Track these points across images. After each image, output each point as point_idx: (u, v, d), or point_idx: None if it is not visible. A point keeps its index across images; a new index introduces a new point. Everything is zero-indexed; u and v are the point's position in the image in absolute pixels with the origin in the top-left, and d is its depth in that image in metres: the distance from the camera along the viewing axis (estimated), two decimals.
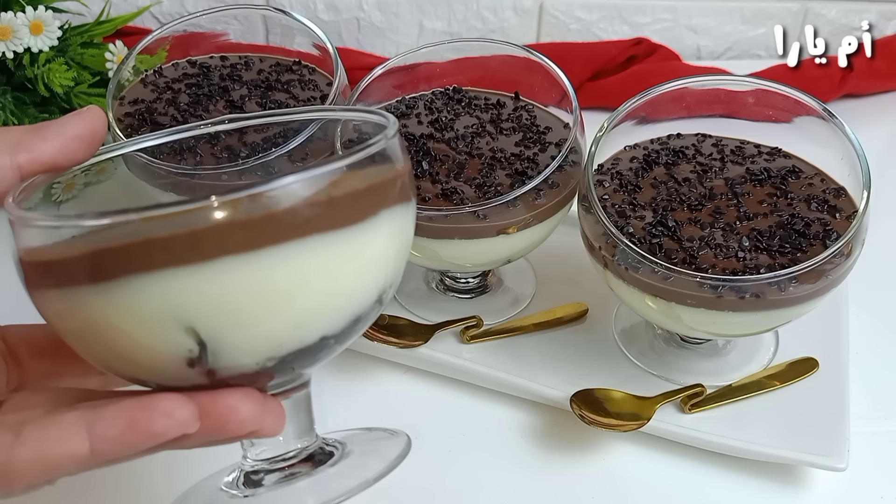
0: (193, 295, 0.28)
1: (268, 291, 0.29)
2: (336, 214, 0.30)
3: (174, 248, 0.27)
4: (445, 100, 0.56)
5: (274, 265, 0.28)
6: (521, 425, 0.50)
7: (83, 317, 0.29)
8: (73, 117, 0.34)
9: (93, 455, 0.28)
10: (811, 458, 0.45)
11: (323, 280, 0.30)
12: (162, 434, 0.28)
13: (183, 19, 0.60)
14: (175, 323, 0.28)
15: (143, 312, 0.28)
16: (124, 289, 0.28)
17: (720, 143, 0.53)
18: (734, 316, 0.44)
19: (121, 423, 0.28)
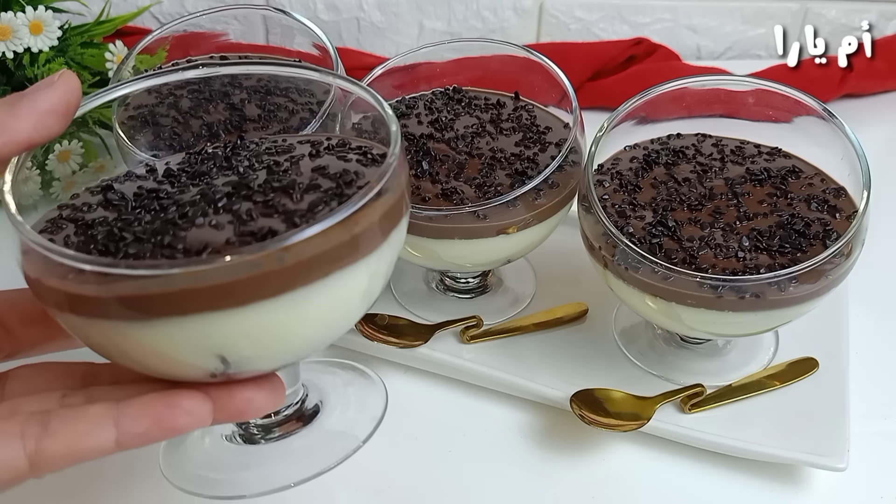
0: (226, 332, 0.30)
1: (295, 323, 0.32)
2: (357, 247, 0.32)
3: (209, 297, 0.29)
4: (445, 100, 0.56)
5: (302, 302, 0.31)
6: (521, 425, 0.50)
7: (111, 341, 0.31)
8: (45, 90, 0.33)
9: (117, 446, 0.30)
10: (811, 458, 0.45)
11: (343, 302, 0.33)
12: (183, 429, 0.31)
13: (183, 19, 0.60)
14: (206, 352, 0.31)
15: (176, 346, 0.30)
16: (157, 327, 0.30)
17: (720, 143, 0.53)
18: (734, 316, 0.44)
19: (146, 420, 0.30)
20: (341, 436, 0.42)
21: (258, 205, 0.33)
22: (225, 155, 0.38)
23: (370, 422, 0.42)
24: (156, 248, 0.30)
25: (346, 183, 0.34)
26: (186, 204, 0.33)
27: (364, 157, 0.37)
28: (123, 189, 0.36)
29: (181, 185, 0.36)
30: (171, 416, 0.30)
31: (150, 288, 0.29)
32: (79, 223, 0.33)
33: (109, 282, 0.29)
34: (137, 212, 0.33)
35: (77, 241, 0.32)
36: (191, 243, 0.30)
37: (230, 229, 0.31)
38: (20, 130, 0.32)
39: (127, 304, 0.29)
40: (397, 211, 0.34)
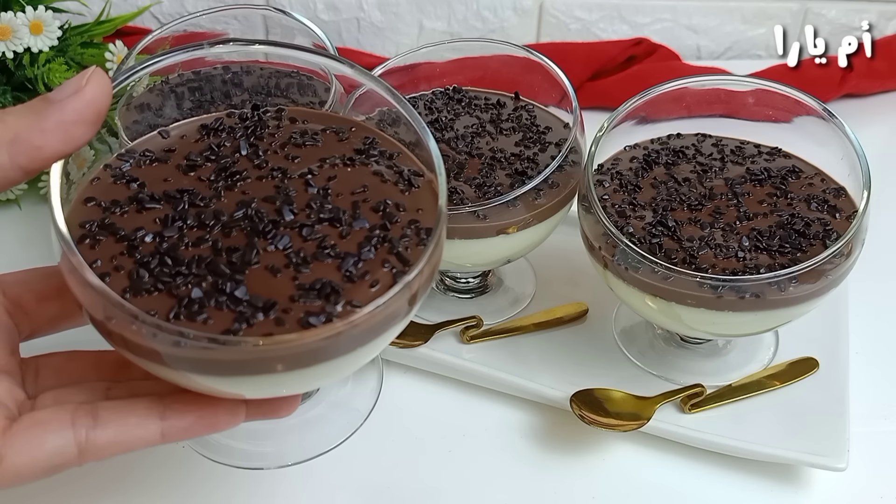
0: (264, 388, 0.32)
1: (330, 374, 0.33)
2: (412, 302, 0.32)
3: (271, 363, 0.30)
4: (445, 100, 0.56)
5: (319, 374, 0.32)
6: (521, 425, 0.50)
7: (158, 373, 0.32)
8: (74, 99, 0.31)
9: (162, 438, 0.32)
10: (811, 458, 0.45)
11: (355, 364, 0.34)
12: (222, 427, 0.33)
13: (183, 19, 0.60)
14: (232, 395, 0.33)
15: (213, 389, 0.32)
16: (193, 377, 0.31)
17: (720, 143, 0.53)
18: (734, 316, 0.44)
19: (190, 416, 0.32)
20: (345, 408, 0.44)
21: (308, 242, 0.32)
22: (249, 141, 0.37)
23: (370, 392, 0.45)
24: (218, 295, 0.30)
25: (391, 221, 0.34)
26: (231, 226, 0.33)
27: (400, 177, 0.36)
28: (149, 181, 0.35)
29: (211, 184, 0.35)
30: (213, 415, 0.33)
31: (216, 355, 0.29)
32: (118, 236, 0.32)
33: (174, 344, 0.29)
34: (178, 225, 0.33)
35: (127, 268, 0.31)
36: (255, 297, 0.30)
37: (287, 276, 0.31)
38: (47, 145, 0.30)
39: (184, 361, 0.30)
40: (438, 252, 0.34)
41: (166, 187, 0.35)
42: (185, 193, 0.34)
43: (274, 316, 0.30)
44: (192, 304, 0.30)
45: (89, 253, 0.32)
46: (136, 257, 0.31)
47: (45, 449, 0.30)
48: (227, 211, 0.33)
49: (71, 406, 0.32)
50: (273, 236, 0.32)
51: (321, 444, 0.42)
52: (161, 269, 0.31)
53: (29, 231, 0.65)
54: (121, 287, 0.31)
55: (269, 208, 0.34)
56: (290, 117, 0.39)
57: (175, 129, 0.38)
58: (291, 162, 0.36)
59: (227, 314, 0.30)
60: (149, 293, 0.30)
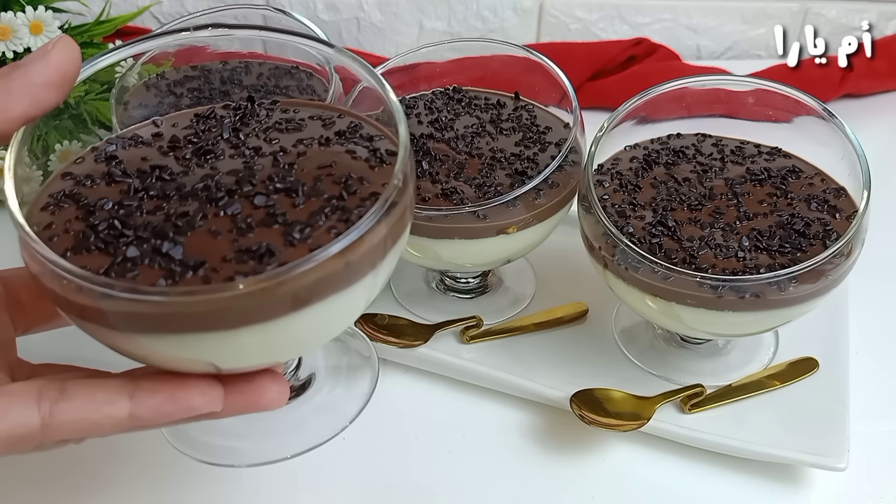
0: (216, 349, 0.31)
1: (286, 340, 0.32)
2: (351, 273, 0.31)
3: (199, 320, 0.29)
4: (445, 100, 0.56)
5: (294, 323, 0.30)
6: (521, 425, 0.50)
7: (106, 340, 0.32)
8: (39, 62, 0.31)
9: (130, 419, 0.30)
10: (811, 458, 0.45)
11: (335, 320, 0.34)
12: (196, 408, 0.31)
13: (183, 19, 0.60)
14: (197, 362, 0.32)
15: (167, 353, 0.31)
16: (147, 339, 0.30)
17: (720, 143, 0.53)
18: (734, 316, 0.44)
19: (161, 394, 0.31)
20: (331, 412, 0.43)
21: (259, 210, 0.32)
22: (233, 125, 0.37)
23: (359, 399, 0.44)
24: (154, 255, 0.30)
25: (349, 192, 0.33)
26: (189, 195, 0.33)
27: (373, 155, 0.36)
28: (128, 159, 0.35)
29: (185, 162, 0.35)
30: (185, 393, 0.31)
31: (141, 308, 0.29)
32: (81, 203, 0.33)
33: (102, 297, 0.29)
34: (140, 195, 0.33)
35: (77, 229, 0.32)
36: (188, 256, 0.30)
37: (228, 239, 0.31)
38: (13, 107, 0.31)
39: (119, 318, 0.30)
40: (400, 225, 0.33)
41: (141, 165, 0.35)
42: (156, 169, 0.34)
43: (202, 274, 0.30)
44: (126, 262, 0.30)
45: (47, 218, 0.33)
46: (88, 222, 0.32)
47: (7, 420, 0.29)
48: (191, 184, 0.33)
49: (41, 381, 0.31)
50: (224, 204, 0.32)
51: (299, 445, 0.41)
52: (108, 232, 0.31)
53: None
54: (64, 247, 0.31)
55: (230, 180, 0.34)
56: (283, 108, 0.39)
57: (169, 118, 0.39)
58: (269, 143, 0.36)
59: (157, 272, 0.30)
60: (88, 252, 0.31)
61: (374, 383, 0.45)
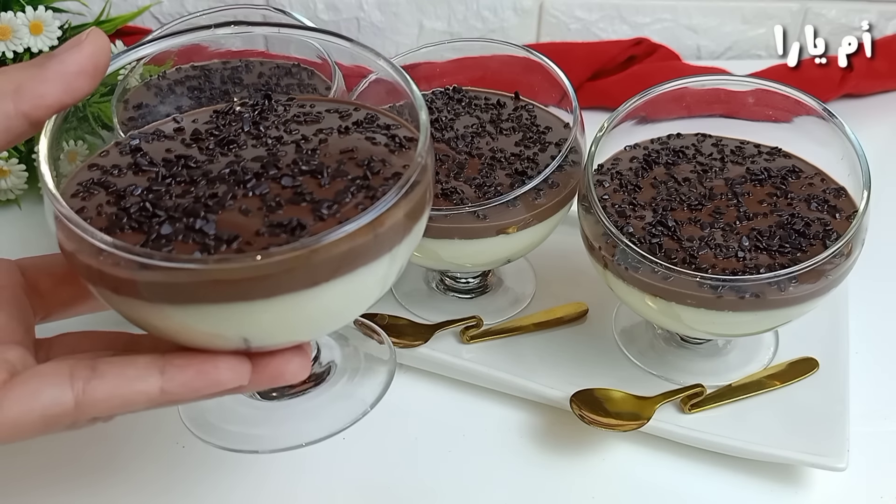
0: (249, 320, 0.31)
1: (315, 313, 0.33)
2: (381, 245, 0.32)
3: (235, 289, 0.30)
4: (445, 100, 0.56)
5: (323, 294, 0.31)
6: (521, 425, 0.50)
7: (139, 316, 0.32)
8: (73, 52, 0.33)
9: (162, 394, 0.31)
10: (811, 458, 0.45)
11: (362, 292, 0.34)
12: (225, 383, 0.32)
13: (183, 19, 0.60)
14: (230, 335, 0.32)
15: (200, 327, 0.31)
16: (182, 311, 0.31)
17: (720, 143, 0.53)
18: (734, 316, 0.44)
19: (190, 369, 0.31)
20: (350, 399, 0.44)
21: (286, 190, 0.33)
22: (253, 119, 0.38)
23: (378, 386, 0.44)
24: (188, 232, 0.31)
25: (372, 172, 0.34)
26: (216, 179, 0.34)
27: (392, 140, 0.37)
28: (152, 151, 0.36)
29: (209, 151, 0.36)
30: (214, 368, 0.31)
31: (178, 277, 0.29)
32: (110, 189, 0.34)
33: (140, 268, 0.29)
34: (168, 182, 0.34)
35: (109, 212, 0.33)
36: (221, 231, 0.31)
37: (259, 216, 0.32)
38: (49, 94, 0.32)
39: (155, 289, 0.30)
40: (422, 204, 0.35)
41: (167, 156, 0.36)
42: (181, 158, 0.35)
43: (236, 247, 0.30)
44: (161, 239, 0.31)
45: (78, 203, 0.33)
46: (120, 205, 0.33)
47: (41, 399, 0.30)
48: (217, 170, 0.34)
49: (71, 360, 0.31)
50: (253, 185, 0.33)
51: (319, 431, 0.42)
52: (140, 214, 0.32)
53: (29, 231, 0.65)
54: (98, 226, 0.31)
55: (256, 165, 0.34)
56: (300, 103, 0.40)
57: (189, 115, 0.40)
58: (290, 134, 0.37)
59: (192, 246, 0.31)
60: (122, 231, 0.31)
61: (392, 373, 0.45)
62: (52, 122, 0.34)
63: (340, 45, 0.39)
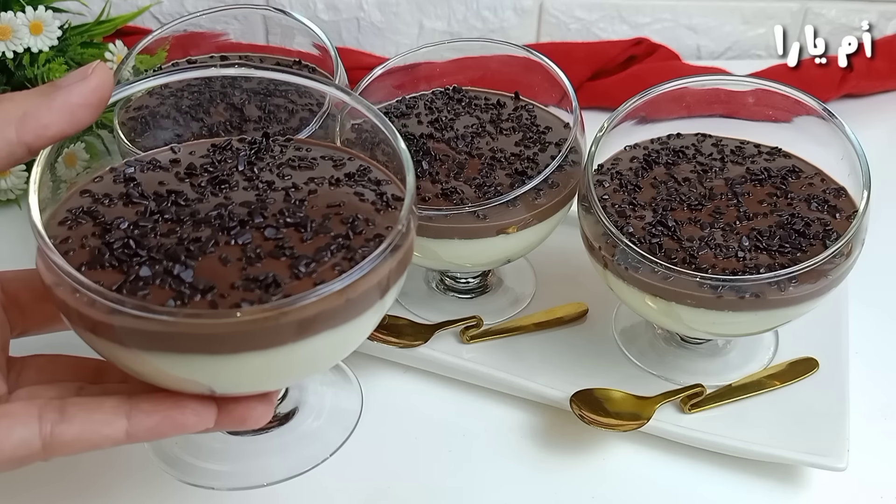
0: (215, 372, 0.32)
1: (285, 368, 0.34)
2: (351, 309, 0.32)
3: (202, 342, 0.31)
4: (445, 100, 0.56)
5: (293, 352, 0.32)
6: (521, 425, 0.50)
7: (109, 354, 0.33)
8: (79, 84, 0.33)
9: (127, 437, 0.32)
10: (811, 458, 0.45)
11: (332, 352, 0.35)
12: (190, 428, 0.33)
13: (183, 19, 0.60)
14: (195, 384, 0.33)
15: (167, 373, 0.32)
16: (150, 357, 0.31)
17: (720, 143, 0.53)
18: (734, 316, 0.44)
19: (157, 415, 0.32)
20: (313, 441, 0.44)
21: (268, 242, 0.33)
22: (248, 158, 0.39)
23: (342, 431, 0.45)
24: (165, 276, 0.31)
25: (355, 232, 0.34)
26: (202, 222, 0.34)
27: (380, 199, 0.37)
28: (145, 182, 0.37)
29: (200, 189, 0.36)
30: (180, 414, 0.32)
31: (148, 326, 0.30)
32: (97, 220, 0.34)
33: (111, 311, 0.30)
34: (155, 218, 0.34)
35: (93, 245, 0.33)
36: (198, 279, 0.31)
37: (237, 267, 0.32)
38: (53, 123, 0.33)
39: (125, 333, 0.31)
40: (400, 268, 0.35)
41: (158, 189, 0.36)
42: (172, 194, 0.36)
43: (210, 298, 0.31)
44: (138, 281, 0.31)
45: (64, 232, 0.34)
46: (104, 239, 0.33)
47: (11, 441, 0.31)
48: (204, 211, 0.35)
49: (41, 400, 0.32)
50: (236, 233, 0.33)
51: (280, 473, 0.42)
52: (123, 251, 0.32)
53: (29, 231, 0.64)
54: (79, 261, 0.32)
55: (243, 211, 0.35)
56: (296, 146, 0.41)
57: (187, 146, 0.40)
58: (282, 179, 0.38)
59: (167, 292, 0.31)
60: (102, 268, 0.32)
61: (358, 415, 0.46)
62: (46, 152, 0.34)
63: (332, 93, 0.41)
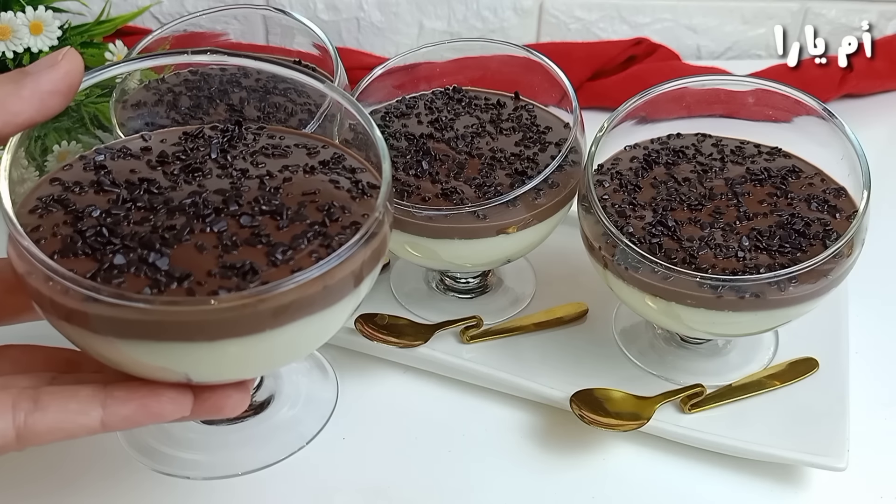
0: (192, 359, 0.32)
1: (262, 356, 0.33)
2: (328, 296, 0.32)
3: (179, 330, 0.30)
4: (445, 100, 0.56)
5: (270, 340, 0.31)
6: (521, 425, 0.50)
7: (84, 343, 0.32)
8: (49, 71, 0.33)
9: (102, 426, 0.32)
10: (811, 458, 0.45)
11: (308, 340, 0.35)
12: (166, 416, 0.32)
13: (183, 19, 0.60)
14: (172, 372, 0.32)
15: (143, 361, 0.32)
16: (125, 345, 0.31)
17: (720, 142, 0.53)
18: (734, 316, 0.44)
19: (132, 403, 0.32)
20: (288, 431, 0.44)
21: (244, 229, 0.33)
22: (221, 146, 0.38)
23: (318, 420, 0.45)
24: (140, 264, 0.31)
25: (331, 219, 0.34)
26: (176, 210, 0.34)
27: (355, 186, 0.37)
28: (116, 170, 0.36)
29: (173, 177, 0.36)
30: (156, 402, 0.32)
31: (124, 314, 0.30)
32: (69, 208, 0.34)
33: (86, 299, 0.30)
34: (128, 206, 0.34)
35: (64, 234, 0.33)
36: (174, 267, 0.31)
37: (213, 255, 0.32)
38: (22, 111, 0.32)
39: (101, 322, 0.30)
40: (375, 258, 0.35)
41: (130, 177, 0.36)
42: (144, 182, 0.35)
43: (186, 286, 0.31)
44: (112, 269, 0.31)
45: (35, 220, 0.33)
46: (76, 227, 0.33)
47: None
48: (178, 199, 0.34)
49: (14, 391, 0.32)
50: (211, 221, 0.33)
51: (254, 462, 0.42)
52: (95, 239, 0.32)
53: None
54: (51, 249, 0.32)
55: (217, 199, 0.34)
56: (269, 133, 0.40)
57: (157, 134, 0.40)
58: (256, 167, 0.37)
59: (143, 280, 0.31)
60: (75, 256, 0.31)
61: (334, 404, 0.46)
62: (16, 139, 0.34)
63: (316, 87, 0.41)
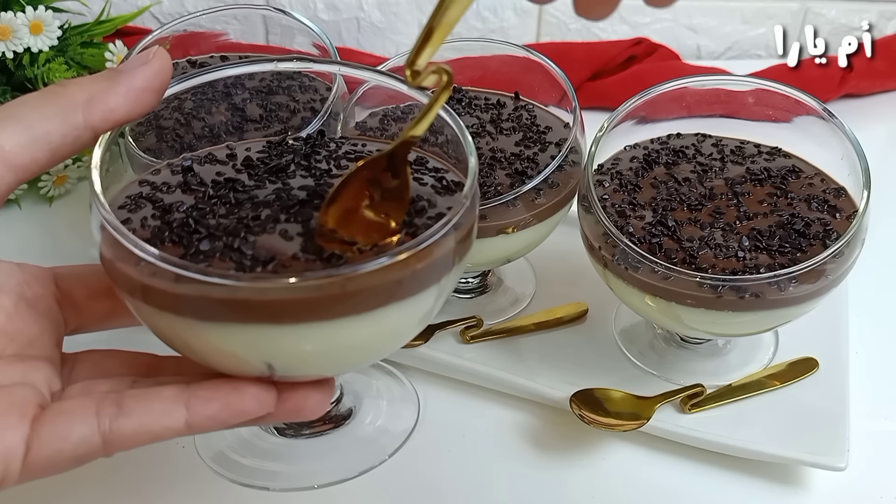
0: (276, 344, 0.31)
1: (345, 346, 0.33)
2: (412, 284, 0.32)
3: (265, 311, 0.30)
4: None
5: (355, 327, 0.31)
6: (521, 425, 0.50)
7: (169, 329, 0.32)
8: (143, 68, 0.33)
9: (187, 428, 0.31)
10: (811, 458, 0.45)
11: (390, 333, 0.34)
12: (251, 413, 0.32)
13: (183, 19, 0.60)
14: (255, 358, 0.32)
15: (227, 347, 0.31)
16: (212, 328, 0.31)
17: (720, 142, 0.53)
18: (734, 316, 0.44)
19: (216, 402, 0.31)
20: (369, 445, 0.44)
21: None
22: (304, 152, 0.38)
23: (399, 435, 0.45)
24: (226, 250, 0.31)
25: (417, 212, 0.34)
26: (261, 204, 0.34)
27: (440, 182, 0.37)
28: (203, 173, 0.37)
29: (258, 178, 0.36)
30: (240, 400, 0.31)
31: (211, 293, 0.29)
32: (157, 204, 0.34)
33: (175, 280, 0.30)
34: (213, 202, 0.34)
35: (153, 225, 0.33)
36: (259, 251, 0.31)
37: (298, 241, 0.32)
38: (119, 107, 0.33)
39: (188, 303, 0.30)
40: (464, 244, 0.34)
41: (216, 178, 0.36)
42: (230, 181, 0.36)
43: (271, 268, 0.30)
44: (199, 254, 0.31)
45: (124, 214, 0.34)
46: (164, 220, 0.33)
47: (71, 439, 0.30)
48: (263, 195, 0.35)
49: (96, 395, 0.31)
50: (296, 212, 0.33)
51: (333, 475, 0.42)
52: (183, 229, 0.32)
53: (29, 231, 0.65)
54: (140, 238, 0.31)
55: (302, 193, 0.35)
56: (351, 142, 0.41)
57: (241, 144, 0.40)
58: (339, 168, 0.38)
59: (228, 264, 0.31)
60: (163, 244, 0.32)
61: (415, 421, 0.46)
62: (107, 135, 0.34)
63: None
